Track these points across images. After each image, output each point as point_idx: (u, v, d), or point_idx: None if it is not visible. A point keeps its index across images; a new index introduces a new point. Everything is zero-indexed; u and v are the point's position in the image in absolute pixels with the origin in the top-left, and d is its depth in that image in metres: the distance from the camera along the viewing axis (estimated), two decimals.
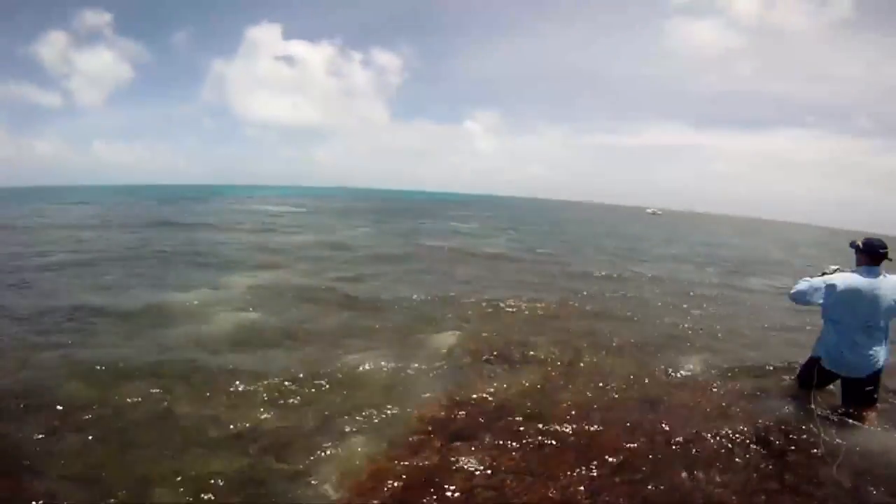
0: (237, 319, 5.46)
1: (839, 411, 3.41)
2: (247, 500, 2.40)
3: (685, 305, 7.22)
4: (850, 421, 3.30)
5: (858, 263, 3.43)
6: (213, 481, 2.49)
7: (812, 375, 3.51)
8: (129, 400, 3.38)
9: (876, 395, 3.43)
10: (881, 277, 3.28)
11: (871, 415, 3.40)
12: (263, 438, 2.95)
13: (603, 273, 9.93)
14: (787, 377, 4.10)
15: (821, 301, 3.35)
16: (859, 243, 3.45)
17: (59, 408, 3.23)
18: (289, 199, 46.37)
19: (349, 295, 6.79)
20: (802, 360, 3.82)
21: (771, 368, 4.40)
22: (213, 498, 2.39)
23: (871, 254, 3.34)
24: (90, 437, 2.90)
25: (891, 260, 3.37)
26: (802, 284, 3.45)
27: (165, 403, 3.37)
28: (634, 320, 6.18)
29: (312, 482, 2.53)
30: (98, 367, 3.90)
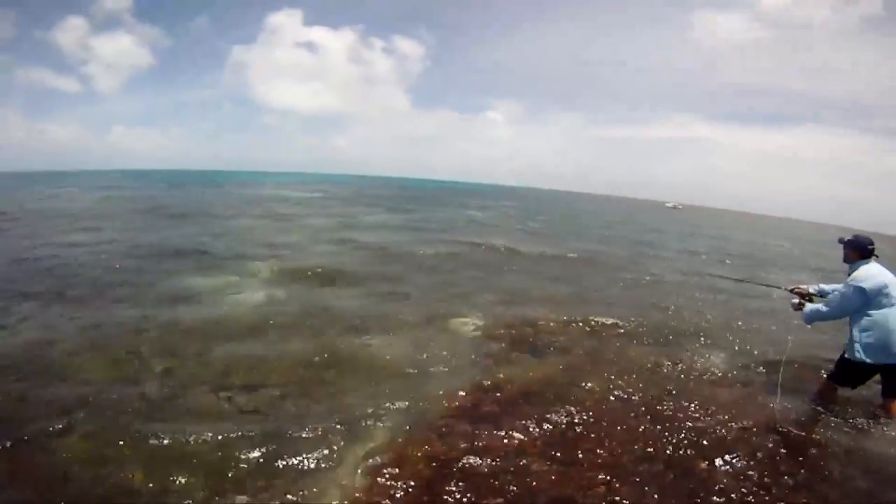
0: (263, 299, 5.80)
1: (871, 407, 3.50)
2: (267, 486, 2.46)
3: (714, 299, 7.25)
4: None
5: (847, 259, 3.57)
6: (232, 465, 2.62)
7: (853, 376, 3.51)
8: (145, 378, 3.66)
9: None
10: None
11: None
12: (286, 421, 3.11)
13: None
14: (806, 372, 4.18)
15: (855, 307, 3.36)
16: (848, 239, 3.59)
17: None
18: (311, 186, 46.74)
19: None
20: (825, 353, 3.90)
21: (795, 365, 4.32)
22: (230, 481, 2.50)
23: (861, 250, 3.49)
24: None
25: (877, 257, 3.50)
26: (828, 307, 3.50)
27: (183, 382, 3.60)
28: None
29: (337, 469, 2.63)
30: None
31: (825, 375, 3.82)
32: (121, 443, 2.78)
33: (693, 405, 3.56)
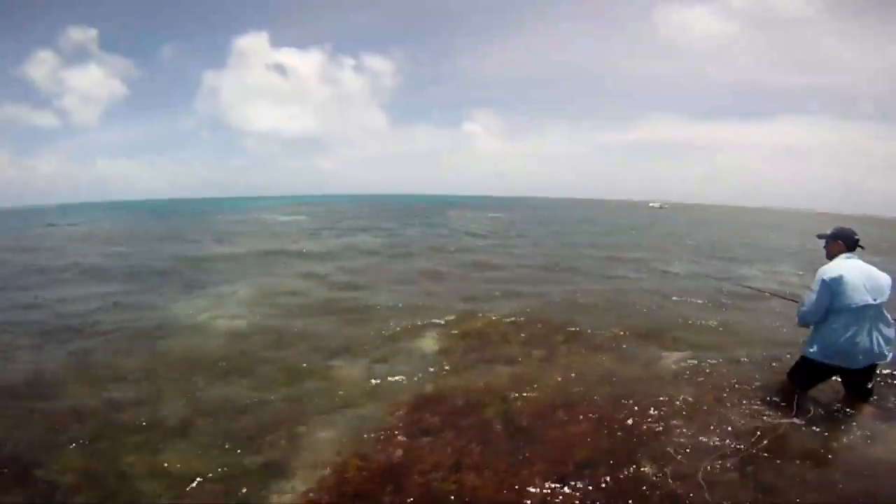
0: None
1: (833, 408, 3.29)
2: (224, 491, 2.51)
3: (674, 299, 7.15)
4: (844, 416, 3.21)
5: (831, 253, 3.37)
6: (192, 473, 2.65)
7: (807, 374, 3.38)
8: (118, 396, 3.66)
9: (872, 387, 3.31)
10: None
11: (867, 409, 3.26)
12: (244, 433, 3.11)
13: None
14: (769, 373, 3.97)
15: (826, 304, 3.15)
16: (831, 232, 3.41)
17: None
18: (301, 207, 46.86)
19: None
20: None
21: (756, 363, 4.26)
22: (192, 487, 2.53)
23: (847, 241, 3.32)
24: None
25: (863, 248, 3.35)
26: (804, 306, 3.26)
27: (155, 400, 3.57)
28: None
29: (283, 475, 2.64)
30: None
31: (786, 373, 3.58)
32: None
33: (646, 409, 3.38)
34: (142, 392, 3.75)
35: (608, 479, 2.55)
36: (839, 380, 3.39)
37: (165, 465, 2.75)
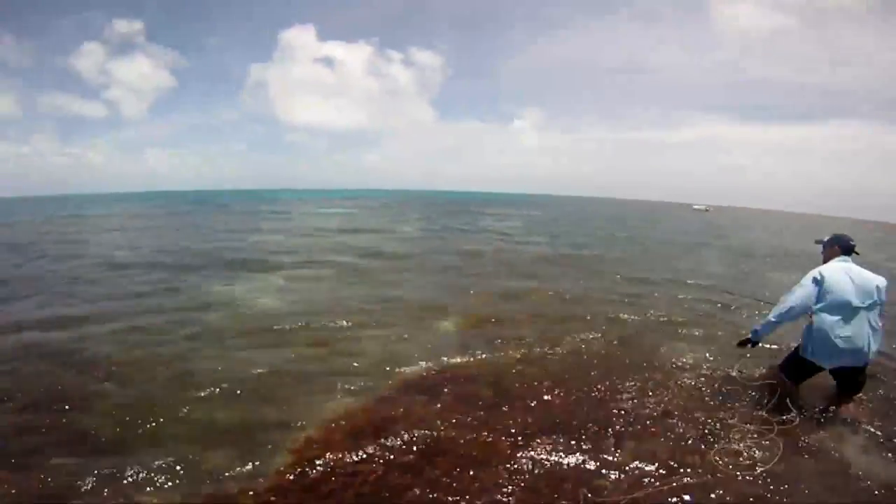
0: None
1: (818, 407, 3.36)
2: (241, 437, 2.98)
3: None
4: (830, 415, 3.27)
5: (827, 258, 3.48)
6: (213, 422, 3.19)
7: (798, 369, 3.47)
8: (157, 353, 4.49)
9: (861, 385, 3.40)
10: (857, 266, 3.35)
11: (851, 407, 3.34)
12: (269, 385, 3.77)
13: None
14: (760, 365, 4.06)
15: (813, 301, 3.25)
16: (827, 239, 3.55)
17: None
18: (339, 202, 48.40)
19: None
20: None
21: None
22: (210, 437, 3.00)
23: (843, 246, 3.44)
24: None
25: (858, 254, 3.46)
26: (790, 300, 3.32)
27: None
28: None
29: (293, 425, 3.13)
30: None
31: (778, 366, 3.68)
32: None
33: (624, 390, 3.65)
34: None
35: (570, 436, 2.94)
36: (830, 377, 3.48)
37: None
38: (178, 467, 2.63)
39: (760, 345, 3.73)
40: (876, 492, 2.49)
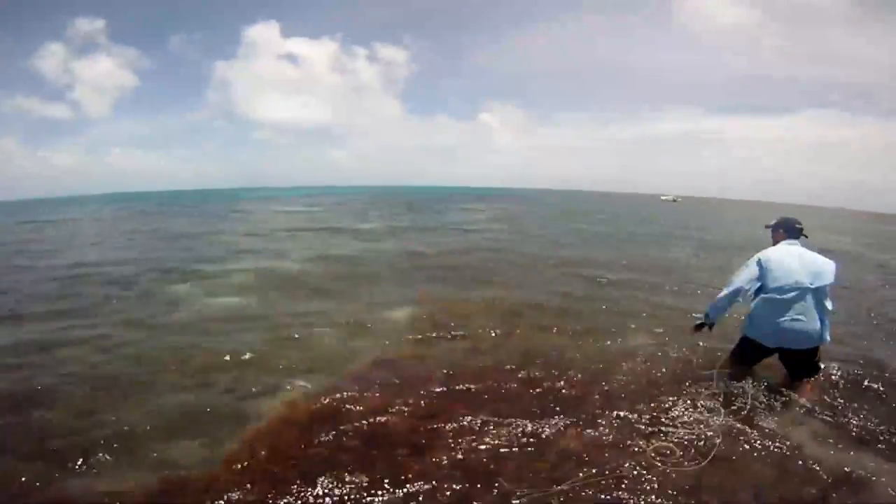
0: None
1: (772, 393, 3.26)
2: (197, 419, 3.09)
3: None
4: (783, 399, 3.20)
5: (775, 241, 3.47)
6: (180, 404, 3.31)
7: (748, 352, 3.44)
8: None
9: (818, 367, 3.37)
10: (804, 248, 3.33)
11: (806, 393, 3.26)
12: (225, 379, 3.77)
13: None
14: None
15: (757, 285, 3.25)
16: (775, 222, 3.54)
17: None
18: (321, 199, 46.49)
19: None
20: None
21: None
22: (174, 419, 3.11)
23: (789, 229, 3.43)
24: None
25: (806, 237, 3.45)
26: (736, 281, 3.30)
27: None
28: None
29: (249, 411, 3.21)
30: None
31: (729, 354, 3.60)
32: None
33: (569, 378, 3.60)
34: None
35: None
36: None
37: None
38: (130, 456, 2.67)
39: (716, 328, 3.64)
40: (825, 476, 2.44)
